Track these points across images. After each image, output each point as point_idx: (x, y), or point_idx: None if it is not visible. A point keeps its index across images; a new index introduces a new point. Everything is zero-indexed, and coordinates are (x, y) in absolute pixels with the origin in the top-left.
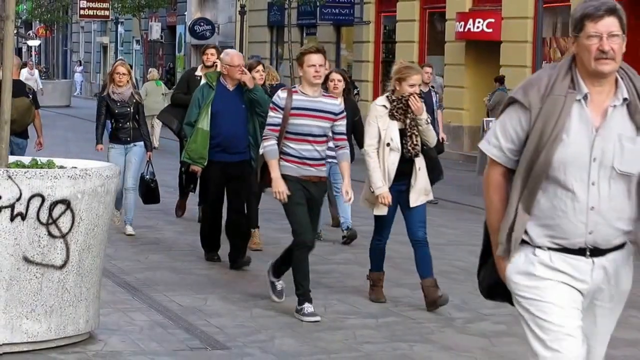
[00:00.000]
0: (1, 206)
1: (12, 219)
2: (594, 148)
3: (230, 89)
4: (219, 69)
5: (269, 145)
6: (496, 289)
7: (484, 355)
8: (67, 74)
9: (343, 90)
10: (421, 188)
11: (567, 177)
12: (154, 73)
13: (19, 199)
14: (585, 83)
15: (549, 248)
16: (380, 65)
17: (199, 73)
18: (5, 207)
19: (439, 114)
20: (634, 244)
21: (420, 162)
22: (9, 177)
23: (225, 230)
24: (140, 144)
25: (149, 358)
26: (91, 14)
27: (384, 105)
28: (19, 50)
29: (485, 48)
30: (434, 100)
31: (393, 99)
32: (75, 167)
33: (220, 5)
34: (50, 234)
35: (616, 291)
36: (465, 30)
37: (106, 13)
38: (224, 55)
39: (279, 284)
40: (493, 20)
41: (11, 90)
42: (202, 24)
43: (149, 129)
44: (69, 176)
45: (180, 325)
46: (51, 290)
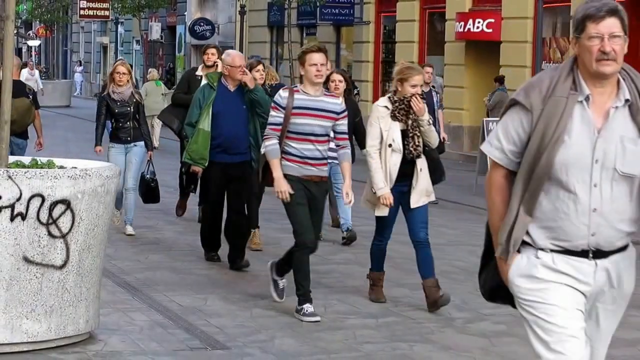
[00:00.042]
0: (1, 206)
1: (12, 219)
2: (596, 150)
3: (232, 89)
4: (219, 69)
5: (271, 145)
6: (498, 292)
7: (484, 356)
8: (67, 74)
9: (344, 91)
10: (422, 189)
11: (569, 179)
12: (153, 73)
13: (19, 199)
14: (587, 84)
15: (552, 250)
16: (380, 65)
17: (199, 73)
18: (5, 207)
19: (439, 114)
20: (638, 245)
21: (421, 163)
22: (9, 177)
23: (224, 230)
24: (140, 144)
25: (149, 358)
26: (91, 14)
27: (386, 106)
28: (19, 51)
29: (485, 48)
30: (435, 100)
31: (395, 99)
32: (75, 167)
33: (220, 5)
34: (50, 234)
35: (619, 293)
36: (465, 30)
37: (106, 13)
38: (225, 56)
39: (282, 283)
40: (493, 20)
41: (11, 90)
42: (202, 24)
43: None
44: (69, 176)
45: (180, 325)
46: (51, 290)
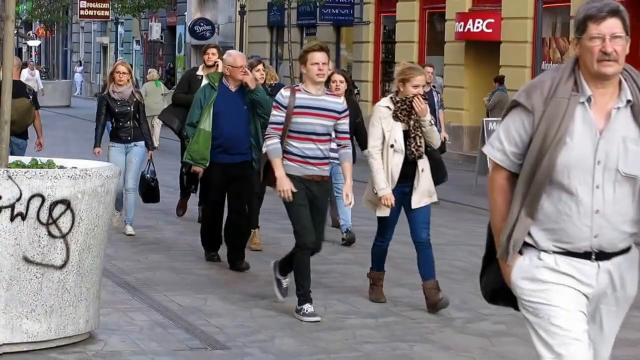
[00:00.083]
0: (1, 206)
1: (12, 219)
2: (598, 151)
3: (233, 89)
4: (220, 69)
5: (273, 144)
6: (500, 294)
7: (484, 355)
8: (67, 74)
9: (345, 92)
10: (424, 190)
11: (571, 181)
12: (153, 73)
13: (19, 199)
14: (589, 85)
15: (554, 252)
16: (380, 65)
17: (200, 73)
18: (6, 207)
19: (440, 114)
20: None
21: (423, 164)
22: (9, 177)
23: (224, 230)
24: (140, 144)
25: (149, 358)
26: (91, 14)
27: (388, 107)
28: (19, 51)
29: (485, 48)
30: (436, 100)
31: (397, 100)
32: (75, 167)
33: (220, 6)
34: (50, 234)
35: (622, 295)
36: (465, 30)
37: (106, 13)
38: (226, 56)
39: (285, 282)
40: (493, 20)
41: (11, 90)
42: (202, 24)
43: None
44: (69, 176)
45: (180, 325)
46: (51, 290)
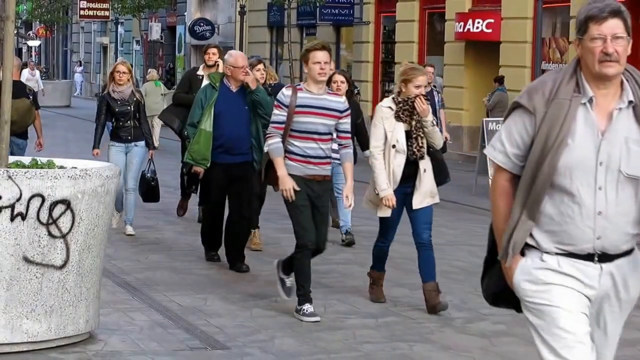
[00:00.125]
0: (1, 206)
1: (12, 219)
2: (600, 152)
3: (234, 90)
4: (220, 69)
5: (274, 143)
6: (501, 296)
7: (484, 355)
8: (67, 74)
9: (346, 92)
10: (426, 191)
11: (573, 182)
12: (153, 74)
13: (19, 199)
14: (591, 86)
15: (557, 253)
16: (380, 65)
17: (200, 72)
18: (6, 207)
19: (442, 114)
20: None
21: (425, 165)
22: (9, 177)
23: (224, 230)
24: (141, 144)
25: (149, 358)
26: (91, 14)
27: (390, 107)
28: (19, 51)
29: (484, 48)
30: (437, 100)
31: (399, 100)
32: (75, 167)
33: (220, 6)
34: (50, 234)
35: (625, 297)
36: (465, 30)
37: (106, 13)
38: (227, 57)
39: (289, 281)
40: (492, 20)
41: (11, 90)
42: (202, 25)
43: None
44: (69, 176)
45: (180, 325)
46: (51, 290)
